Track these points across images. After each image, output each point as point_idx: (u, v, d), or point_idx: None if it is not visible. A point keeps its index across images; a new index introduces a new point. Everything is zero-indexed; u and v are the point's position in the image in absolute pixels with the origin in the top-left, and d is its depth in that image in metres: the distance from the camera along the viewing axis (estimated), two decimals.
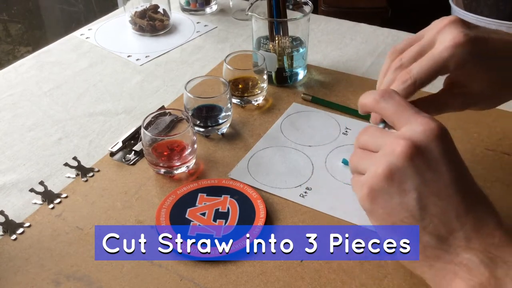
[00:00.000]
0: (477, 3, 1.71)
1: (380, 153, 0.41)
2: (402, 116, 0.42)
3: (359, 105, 0.47)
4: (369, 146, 0.43)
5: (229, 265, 0.53)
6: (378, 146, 0.42)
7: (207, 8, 1.08)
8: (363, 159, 0.43)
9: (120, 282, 0.51)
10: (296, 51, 0.80)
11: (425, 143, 0.40)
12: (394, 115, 0.43)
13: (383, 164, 0.40)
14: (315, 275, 0.51)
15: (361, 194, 0.41)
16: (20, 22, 2.20)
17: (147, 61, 0.91)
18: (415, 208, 0.39)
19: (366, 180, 0.41)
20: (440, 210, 0.39)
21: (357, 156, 0.44)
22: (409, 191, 0.39)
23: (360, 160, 0.44)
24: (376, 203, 0.41)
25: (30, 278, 0.52)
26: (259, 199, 0.59)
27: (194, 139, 0.64)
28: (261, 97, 0.77)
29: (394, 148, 0.40)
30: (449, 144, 0.41)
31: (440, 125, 0.41)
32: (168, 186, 0.63)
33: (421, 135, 0.40)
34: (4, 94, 0.82)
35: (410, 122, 0.41)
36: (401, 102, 0.43)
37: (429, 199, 0.39)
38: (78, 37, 0.99)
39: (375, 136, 0.43)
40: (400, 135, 0.41)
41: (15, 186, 0.64)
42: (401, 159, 0.39)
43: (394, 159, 0.39)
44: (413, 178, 0.39)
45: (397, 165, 0.39)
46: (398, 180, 0.39)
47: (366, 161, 0.43)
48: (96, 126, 0.74)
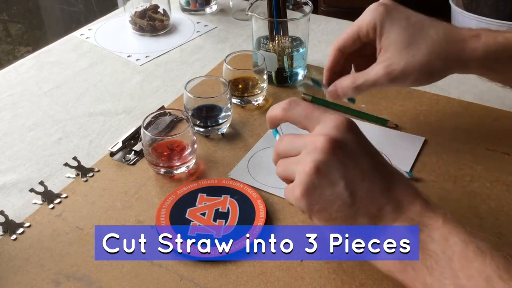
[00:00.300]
0: (477, 3, 1.71)
1: (304, 153, 0.45)
2: (312, 117, 0.46)
3: (268, 120, 0.50)
4: (290, 152, 0.47)
5: (229, 265, 0.53)
6: (298, 149, 0.46)
7: (207, 8, 1.08)
8: (288, 166, 0.47)
9: (120, 282, 0.51)
10: (296, 51, 0.80)
11: (340, 136, 0.44)
12: (305, 119, 0.47)
13: (310, 161, 0.43)
14: (315, 275, 0.51)
15: (296, 196, 0.44)
16: (20, 22, 2.20)
17: (147, 61, 0.91)
18: (346, 195, 0.43)
19: (298, 180, 0.44)
20: (366, 191, 0.43)
21: (282, 166, 0.48)
22: (337, 181, 0.43)
23: (286, 168, 0.47)
24: (311, 200, 0.44)
25: (30, 278, 0.52)
26: (259, 199, 0.59)
27: (194, 139, 0.64)
28: (261, 97, 0.77)
29: (315, 145, 0.44)
30: (360, 134, 0.46)
31: (348, 119, 0.46)
32: (168, 186, 0.63)
33: (335, 130, 0.44)
34: (4, 94, 0.82)
35: (321, 121, 0.46)
36: (308, 106, 0.47)
37: (355, 184, 0.43)
38: (78, 37, 0.99)
39: (292, 142, 0.47)
40: (316, 134, 0.45)
41: (15, 186, 0.64)
42: (324, 154, 0.43)
43: (318, 155, 0.43)
44: (338, 169, 0.43)
45: (322, 159, 0.43)
46: (326, 173, 0.43)
47: (293, 166, 0.46)
48: (96, 126, 0.74)
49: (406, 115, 0.74)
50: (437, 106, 0.76)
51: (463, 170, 0.64)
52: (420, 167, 0.65)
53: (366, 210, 0.43)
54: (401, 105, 0.75)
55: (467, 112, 0.75)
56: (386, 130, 0.71)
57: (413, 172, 0.64)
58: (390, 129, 0.71)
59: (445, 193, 0.61)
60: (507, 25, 1.58)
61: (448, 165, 0.65)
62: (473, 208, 0.59)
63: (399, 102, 0.76)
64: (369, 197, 0.43)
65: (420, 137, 0.69)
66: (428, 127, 0.71)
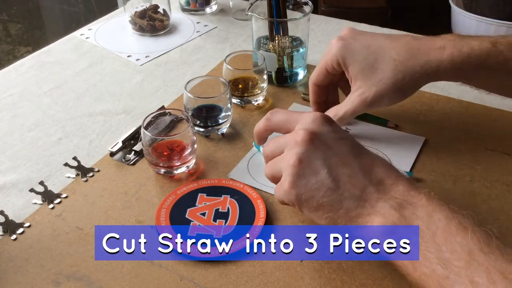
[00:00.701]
0: (477, 3, 1.71)
1: (286, 150, 0.48)
2: (291, 119, 0.51)
3: (255, 136, 0.55)
4: (275, 152, 0.51)
5: (229, 265, 0.53)
6: (281, 147, 0.49)
7: (207, 8, 1.08)
8: (274, 165, 0.50)
9: (120, 282, 0.51)
10: (296, 51, 0.80)
11: (317, 128, 0.48)
12: (286, 122, 0.51)
13: (292, 155, 0.47)
14: (315, 275, 0.51)
15: (285, 189, 0.47)
16: (20, 22, 2.20)
17: (147, 61, 0.91)
18: (329, 181, 0.46)
19: (285, 174, 0.47)
20: (348, 175, 0.46)
21: (269, 167, 0.51)
22: (320, 169, 0.46)
23: (273, 167, 0.50)
24: (299, 190, 0.47)
25: (30, 278, 0.52)
26: (259, 199, 0.59)
27: (194, 139, 0.64)
28: (261, 97, 0.77)
29: (296, 140, 0.47)
30: (335, 125, 0.50)
31: (324, 114, 0.50)
32: (168, 186, 0.63)
33: (312, 123, 0.49)
34: (4, 94, 0.82)
35: (299, 119, 0.50)
36: (288, 111, 0.52)
37: (337, 169, 0.46)
38: (78, 37, 0.99)
39: (275, 143, 0.51)
40: (296, 130, 0.49)
41: (15, 186, 0.64)
42: (304, 145, 0.47)
43: (299, 148, 0.47)
44: (319, 157, 0.47)
45: (303, 151, 0.47)
46: (308, 162, 0.47)
47: (278, 164, 0.49)
48: (96, 126, 0.74)
49: (406, 115, 0.74)
50: (437, 106, 0.76)
51: (463, 170, 0.64)
52: (420, 167, 0.65)
53: (350, 193, 0.46)
54: (401, 105, 0.75)
55: (467, 112, 0.75)
56: (386, 130, 0.71)
57: (413, 172, 0.64)
58: (390, 129, 0.71)
59: (445, 193, 0.61)
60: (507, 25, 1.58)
61: (448, 165, 0.65)
62: (473, 208, 0.59)
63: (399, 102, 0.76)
64: (352, 180, 0.46)
65: (420, 137, 0.69)
66: (428, 127, 0.71)
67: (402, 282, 0.50)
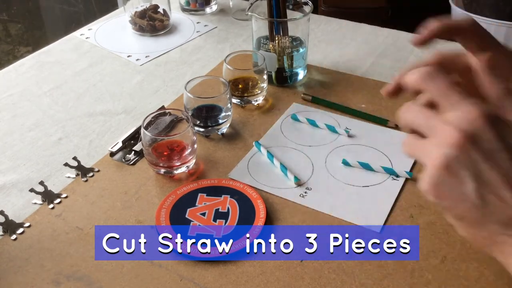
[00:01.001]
0: (477, 3, 1.71)
1: (434, 143, 0.41)
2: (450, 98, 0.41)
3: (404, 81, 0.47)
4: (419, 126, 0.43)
5: (229, 265, 0.53)
6: (429, 128, 0.42)
7: (207, 8, 1.08)
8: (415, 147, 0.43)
9: (120, 282, 0.51)
10: (296, 51, 0.80)
11: (476, 133, 0.39)
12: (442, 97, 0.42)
13: (439, 155, 0.40)
14: (315, 275, 0.51)
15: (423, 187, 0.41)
16: (20, 22, 2.20)
17: (147, 61, 0.91)
18: (474, 198, 0.39)
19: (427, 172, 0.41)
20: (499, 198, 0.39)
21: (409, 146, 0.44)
22: (467, 181, 0.39)
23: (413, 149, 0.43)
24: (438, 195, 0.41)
25: (30, 278, 0.52)
26: (259, 199, 0.59)
27: (194, 139, 0.64)
28: (261, 97, 0.77)
29: (447, 139, 0.40)
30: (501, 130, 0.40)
31: (489, 111, 0.40)
32: (168, 186, 0.63)
33: (473, 123, 0.40)
34: (4, 94, 0.82)
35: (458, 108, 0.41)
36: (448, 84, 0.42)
37: (487, 188, 0.39)
38: (78, 37, 0.99)
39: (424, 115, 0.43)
40: (450, 123, 0.40)
41: (15, 186, 0.64)
42: (455, 150, 0.39)
43: (449, 151, 0.39)
44: (468, 168, 0.39)
45: (452, 156, 0.39)
46: (455, 170, 0.39)
47: (420, 149, 0.42)
48: (96, 126, 0.74)
49: None
50: None
51: None
52: (420, 167, 0.65)
53: (497, 217, 0.39)
54: (401, 105, 0.75)
55: None
56: (386, 130, 0.71)
57: (413, 172, 0.64)
58: (390, 129, 0.71)
59: None
60: (507, 25, 1.58)
61: None
62: None
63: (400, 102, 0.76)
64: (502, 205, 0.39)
65: None
66: None
67: (402, 282, 0.50)
